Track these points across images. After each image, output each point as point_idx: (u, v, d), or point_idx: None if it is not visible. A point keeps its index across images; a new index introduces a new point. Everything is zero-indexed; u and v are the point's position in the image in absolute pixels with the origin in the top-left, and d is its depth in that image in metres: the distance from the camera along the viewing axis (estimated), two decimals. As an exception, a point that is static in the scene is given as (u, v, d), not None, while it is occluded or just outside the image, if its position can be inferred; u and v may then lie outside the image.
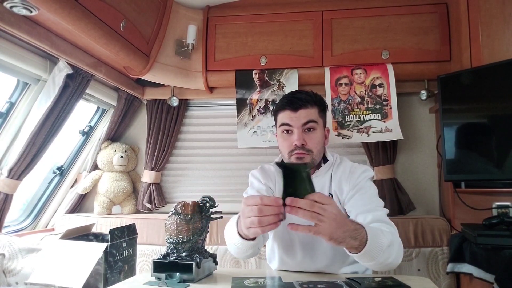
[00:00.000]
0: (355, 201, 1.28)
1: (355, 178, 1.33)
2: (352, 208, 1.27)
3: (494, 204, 1.75)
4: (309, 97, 1.35)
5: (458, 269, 1.73)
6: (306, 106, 1.33)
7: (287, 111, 1.33)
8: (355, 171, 1.36)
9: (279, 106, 1.38)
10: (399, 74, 2.01)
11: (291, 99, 1.35)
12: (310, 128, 1.33)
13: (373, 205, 1.25)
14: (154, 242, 2.11)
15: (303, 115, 1.32)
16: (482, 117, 1.76)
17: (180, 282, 1.13)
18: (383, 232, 1.08)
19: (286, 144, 1.34)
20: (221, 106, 2.40)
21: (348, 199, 1.31)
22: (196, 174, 2.41)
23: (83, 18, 1.38)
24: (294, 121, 1.32)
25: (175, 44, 2.07)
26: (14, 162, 1.72)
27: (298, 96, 1.34)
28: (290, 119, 1.33)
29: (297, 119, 1.32)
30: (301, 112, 1.32)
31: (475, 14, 1.77)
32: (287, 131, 1.35)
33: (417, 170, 2.22)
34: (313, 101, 1.35)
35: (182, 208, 1.19)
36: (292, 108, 1.32)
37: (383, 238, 1.05)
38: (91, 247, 1.39)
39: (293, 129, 1.32)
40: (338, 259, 1.33)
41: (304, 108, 1.32)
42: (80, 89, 1.84)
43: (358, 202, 1.27)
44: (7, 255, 1.52)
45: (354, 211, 1.25)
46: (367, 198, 1.28)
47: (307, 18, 2.10)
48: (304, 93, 1.38)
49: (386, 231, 1.10)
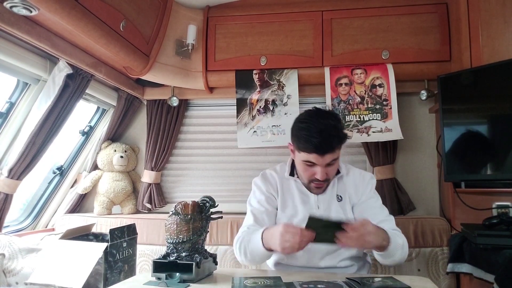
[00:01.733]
0: (372, 209, 1.44)
1: (366, 184, 1.50)
2: (370, 215, 1.40)
3: (494, 204, 1.76)
4: (337, 141, 1.33)
5: (458, 269, 1.73)
6: (333, 151, 1.33)
7: (314, 154, 1.32)
8: (365, 177, 1.52)
9: (305, 147, 1.33)
10: (399, 74, 2.01)
11: (320, 144, 1.30)
12: (332, 163, 1.37)
13: (384, 214, 1.44)
14: (154, 242, 2.11)
15: (328, 158, 1.33)
16: (482, 117, 1.76)
17: (180, 282, 1.13)
18: (397, 235, 1.33)
19: (307, 174, 1.41)
20: (221, 106, 2.39)
21: (362, 202, 1.48)
22: (196, 174, 2.41)
23: (83, 18, 1.38)
24: (319, 161, 1.34)
25: (175, 44, 2.07)
26: (14, 162, 1.72)
27: (327, 141, 1.30)
28: (315, 159, 1.34)
29: (322, 160, 1.33)
30: (328, 156, 1.32)
31: (475, 14, 1.77)
32: (309, 164, 1.37)
33: (417, 170, 2.22)
34: (341, 143, 1.36)
35: (182, 208, 1.19)
36: (319, 154, 1.32)
37: (399, 239, 1.31)
38: (91, 247, 1.39)
39: (316, 165, 1.35)
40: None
41: (331, 152, 1.32)
42: (80, 89, 1.84)
43: (374, 211, 1.44)
44: (7, 255, 1.52)
45: (376, 219, 1.37)
46: (378, 206, 1.47)
47: (307, 18, 2.09)
48: (333, 134, 1.32)
49: (399, 234, 1.36)
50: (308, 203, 1.47)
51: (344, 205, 1.47)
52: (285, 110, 2.11)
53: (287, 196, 1.51)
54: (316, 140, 1.30)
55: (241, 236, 1.43)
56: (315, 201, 1.47)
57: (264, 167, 2.31)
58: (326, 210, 1.45)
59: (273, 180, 1.53)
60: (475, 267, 1.63)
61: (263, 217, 1.47)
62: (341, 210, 1.46)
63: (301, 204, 1.47)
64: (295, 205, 1.48)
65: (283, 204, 1.50)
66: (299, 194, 1.49)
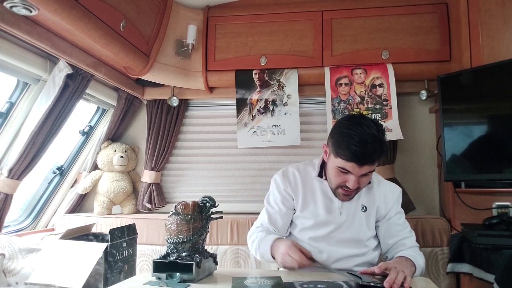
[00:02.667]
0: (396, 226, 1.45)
1: (395, 199, 1.48)
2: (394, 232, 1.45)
3: (494, 204, 1.76)
4: (379, 154, 1.26)
5: (458, 269, 1.73)
6: (373, 162, 1.27)
7: (352, 163, 1.26)
8: (395, 191, 1.50)
9: (344, 154, 1.26)
10: (399, 74, 2.01)
11: (361, 155, 1.24)
12: (368, 174, 1.31)
13: (407, 231, 1.46)
14: (154, 242, 2.11)
15: (366, 169, 1.27)
16: (482, 117, 1.76)
17: (180, 282, 1.13)
18: (418, 254, 1.36)
19: (338, 179, 1.34)
20: (221, 106, 2.39)
21: (389, 217, 1.46)
22: (196, 174, 2.41)
23: (83, 18, 1.38)
24: (356, 171, 1.27)
25: (175, 44, 2.07)
26: (14, 162, 1.72)
27: (369, 153, 1.24)
28: (351, 168, 1.27)
29: (359, 170, 1.27)
30: (366, 167, 1.26)
31: (475, 14, 1.77)
32: (343, 171, 1.31)
33: (417, 170, 2.22)
34: (382, 156, 1.33)
35: (182, 208, 1.19)
36: (358, 164, 1.25)
37: (420, 260, 1.34)
38: (91, 247, 1.39)
39: (350, 173, 1.29)
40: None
41: (371, 164, 1.27)
42: (80, 89, 1.84)
43: (398, 228, 1.45)
44: (7, 255, 1.52)
45: (399, 236, 1.43)
46: (402, 223, 1.47)
47: (307, 18, 2.10)
48: (377, 146, 1.24)
49: (418, 252, 1.40)
50: (331, 208, 1.43)
51: (368, 216, 1.43)
52: (285, 110, 2.11)
53: (309, 197, 1.45)
54: (358, 150, 1.23)
55: (254, 233, 1.49)
56: (338, 207, 1.42)
57: (264, 167, 2.34)
58: (348, 218, 1.41)
59: (294, 179, 1.48)
60: (475, 267, 1.63)
61: (276, 217, 1.48)
62: (364, 221, 1.42)
63: (323, 208, 1.43)
64: (317, 208, 1.44)
65: (303, 204, 1.45)
66: (323, 197, 1.44)
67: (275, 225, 1.47)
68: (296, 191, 1.47)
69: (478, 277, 1.60)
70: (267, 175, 2.26)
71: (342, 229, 1.41)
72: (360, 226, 1.41)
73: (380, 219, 1.46)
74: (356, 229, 1.41)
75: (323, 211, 1.42)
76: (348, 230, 1.41)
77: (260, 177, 2.32)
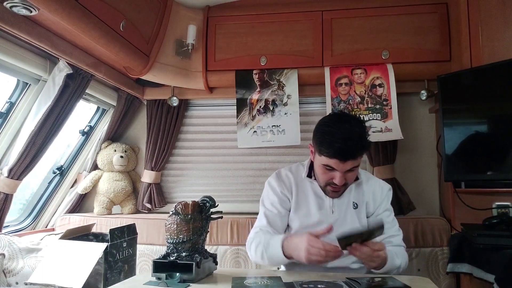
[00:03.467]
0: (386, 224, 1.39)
1: (384, 195, 1.50)
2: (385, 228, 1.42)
3: (494, 204, 1.75)
4: (361, 149, 1.30)
5: (458, 269, 1.73)
6: (355, 158, 1.30)
7: (335, 159, 1.30)
8: (384, 188, 1.51)
9: (327, 151, 1.30)
10: (399, 74, 2.01)
11: (343, 151, 1.28)
12: (352, 170, 1.34)
13: (395, 229, 1.48)
14: (154, 242, 2.11)
15: (349, 165, 1.31)
16: (482, 117, 1.76)
17: (180, 282, 1.13)
18: (398, 255, 1.36)
19: (325, 177, 1.39)
20: (221, 106, 2.39)
21: (377, 214, 1.48)
22: (196, 174, 2.41)
23: (83, 18, 1.38)
24: (340, 167, 1.31)
25: (175, 44, 2.07)
26: (14, 162, 1.72)
27: (350, 149, 1.28)
28: (336, 165, 1.31)
29: (343, 166, 1.31)
30: (349, 162, 1.30)
31: (475, 14, 1.77)
32: (328, 169, 1.35)
33: (417, 170, 2.22)
34: (364, 152, 1.34)
35: (182, 208, 1.19)
36: (341, 160, 1.29)
37: (397, 260, 1.34)
38: (91, 247, 1.39)
39: (336, 170, 1.33)
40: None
41: (353, 159, 1.30)
42: (80, 89, 1.84)
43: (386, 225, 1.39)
44: (7, 255, 1.52)
45: (388, 232, 1.41)
46: (391, 221, 1.48)
47: (307, 18, 2.09)
48: (358, 142, 1.28)
49: (401, 252, 1.41)
50: (323, 207, 1.46)
51: (359, 213, 1.46)
52: (285, 110, 2.11)
53: (301, 198, 1.49)
54: (339, 146, 1.27)
55: (255, 238, 1.43)
56: (330, 205, 1.45)
57: (264, 167, 2.34)
58: (340, 216, 1.45)
59: (288, 181, 1.51)
60: (475, 267, 1.63)
61: (275, 219, 1.48)
62: (356, 218, 1.45)
63: (316, 207, 1.46)
64: (309, 208, 1.47)
65: (296, 205, 1.48)
66: (314, 197, 1.47)
67: (275, 227, 1.47)
68: (291, 192, 1.50)
69: (478, 277, 1.60)
70: (267, 175, 2.21)
71: (335, 227, 1.39)
72: (353, 224, 1.43)
73: (368, 215, 1.48)
74: (349, 226, 1.42)
75: (315, 210, 1.45)
76: (341, 228, 1.40)
77: (260, 177, 2.32)
